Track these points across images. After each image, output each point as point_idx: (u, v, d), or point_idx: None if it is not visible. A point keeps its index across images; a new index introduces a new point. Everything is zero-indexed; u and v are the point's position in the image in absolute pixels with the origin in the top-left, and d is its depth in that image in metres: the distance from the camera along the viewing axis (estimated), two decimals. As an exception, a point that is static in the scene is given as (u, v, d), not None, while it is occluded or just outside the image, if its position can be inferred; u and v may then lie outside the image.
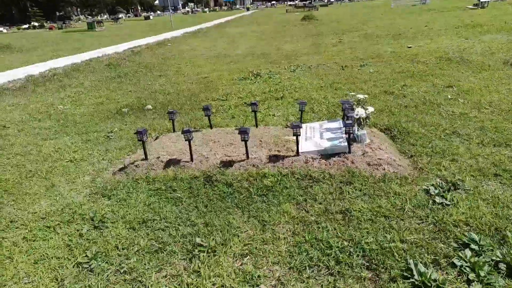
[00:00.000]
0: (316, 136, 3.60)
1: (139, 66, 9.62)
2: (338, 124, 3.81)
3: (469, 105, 4.58)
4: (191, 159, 3.43)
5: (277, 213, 2.65)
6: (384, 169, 3.09)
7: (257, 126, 4.15)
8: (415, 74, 6.41)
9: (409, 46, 9.41)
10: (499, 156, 3.21)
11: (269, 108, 5.13)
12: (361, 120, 3.27)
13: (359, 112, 3.21)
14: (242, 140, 3.24)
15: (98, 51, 13.29)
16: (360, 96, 3.45)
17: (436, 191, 2.67)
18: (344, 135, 3.49)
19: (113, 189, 3.15)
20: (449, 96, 5.01)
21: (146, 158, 3.56)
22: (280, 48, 11.33)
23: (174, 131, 4.31)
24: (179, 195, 2.98)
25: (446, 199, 2.57)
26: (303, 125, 4.00)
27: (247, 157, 3.35)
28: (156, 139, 4.29)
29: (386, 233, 2.31)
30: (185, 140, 3.33)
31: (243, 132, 3.19)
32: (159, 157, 3.57)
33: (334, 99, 5.31)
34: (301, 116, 4.08)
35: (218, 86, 6.70)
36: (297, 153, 3.31)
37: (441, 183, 2.80)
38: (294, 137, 3.62)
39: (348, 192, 2.81)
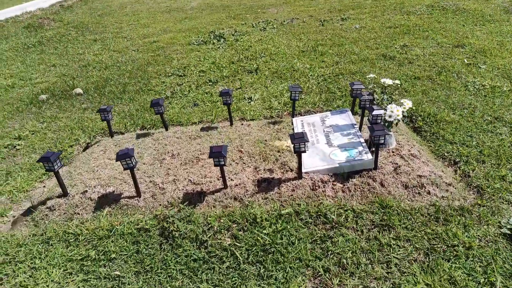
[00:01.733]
0: (321, 141, 2.48)
1: (67, 27, 7.64)
2: (347, 118, 2.70)
3: (495, 73, 3.63)
4: (138, 194, 2.21)
5: (287, 302, 1.59)
6: (430, 194, 2.09)
7: (232, 124, 2.94)
8: (411, 30, 5.31)
9: (390, -8, 8.19)
10: None
11: (242, 87, 3.87)
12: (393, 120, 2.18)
13: (393, 112, 2.10)
14: (216, 166, 2.05)
15: (17, 7, 10.74)
16: (388, 82, 2.32)
17: (529, 242, 1.72)
18: (361, 139, 2.41)
19: (6, 263, 1.91)
20: (465, 61, 4.02)
21: (65, 195, 2.29)
22: (242, -2, 9.64)
23: (111, 135, 2.99)
24: (119, 272, 1.81)
25: (551, 259, 1.63)
26: (297, 120, 2.85)
27: (225, 185, 2.20)
28: (86, 148, 2.96)
29: None
30: (125, 169, 2.08)
31: (217, 154, 2.00)
32: (87, 190, 2.31)
33: (324, 70, 4.15)
34: (293, 107, 2.90)
35: (172, 55, 5.23)
36: (299, 175, 2.20)
37: (528, 222, 1.85)
38: (287, 142, 2.50)
39: (391, 247, 1.79)
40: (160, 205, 2.16)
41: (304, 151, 2.06)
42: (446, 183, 2.16)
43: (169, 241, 1.93)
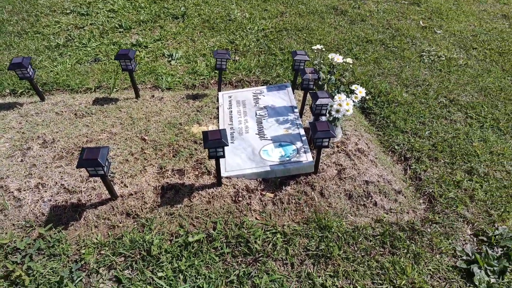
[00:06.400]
0: (252, 129, 1.92)
1: None
2: (286, 96, 2.14)
3: (451, 42, 3.26)
4: (-22, 209, 1.51)
5: None
6: (376, 205, 1.70)
7: (137, 97, 2.21)
8: (366, -22, 4.69)
9: None
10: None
11: (162, 39, 3.04)
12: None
13: (342, 106, 1.57)
14: (92, 176, 1.41)
15: None
16: (338, 59, 1.75)
17: (486, 280, 1.42)
18: (301, 130, 1.90)
19: None
20: (421, 23, 3.58)
21: None
22: None
23: (-41, 104, 2.10)
24: None
25: (510, 306, 1.36)
26: (224, 96, 2.22)
27: (113, 195, 1.58)
28: None
29: None
30: None
31: (91, 162, 1.34)
32: None
33: (266, 22, 3.44)
34: (219, 79, 2.23)
35: (75, -17, 4.04)
36: (218, 182, 1.66)
37: (490, 253, 1.55)
38: (208, 128, 1.92)
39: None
40: (13, 225, 1.50)
41: (223, 156, 1.49)
42: (395, 190, 1.78)
43: (18, 291, 1.32)
